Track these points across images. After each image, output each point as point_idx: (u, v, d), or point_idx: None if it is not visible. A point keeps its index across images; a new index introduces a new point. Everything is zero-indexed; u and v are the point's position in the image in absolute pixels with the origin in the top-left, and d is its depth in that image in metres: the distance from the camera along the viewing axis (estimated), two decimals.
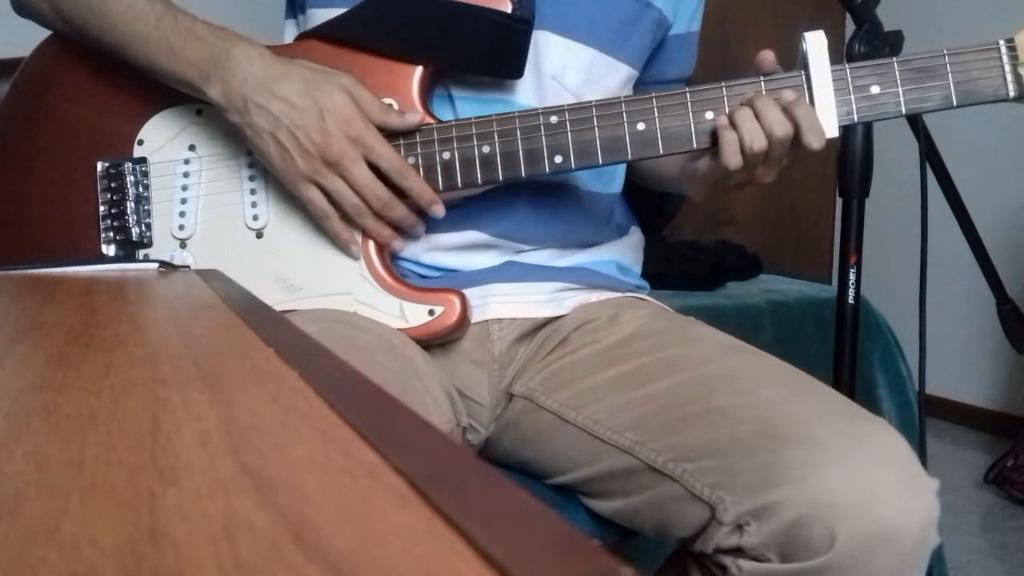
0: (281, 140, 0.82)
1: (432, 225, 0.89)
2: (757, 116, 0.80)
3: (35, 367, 0.37)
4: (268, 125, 0.82)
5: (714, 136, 0.82)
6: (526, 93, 0.89)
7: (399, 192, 0.84)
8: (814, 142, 0.80)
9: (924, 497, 0.70)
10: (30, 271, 0.76)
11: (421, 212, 0.88)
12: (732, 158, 0.80)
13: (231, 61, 0.81)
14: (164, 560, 0.18)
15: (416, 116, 0.84)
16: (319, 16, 0.90)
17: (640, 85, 0.99)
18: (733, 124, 0.80)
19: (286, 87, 0.81)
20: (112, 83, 0.91)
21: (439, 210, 0.85)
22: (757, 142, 0.79)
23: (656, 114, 0.84)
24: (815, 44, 0.82)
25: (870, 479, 0.68)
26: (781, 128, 0.79)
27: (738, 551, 0.72)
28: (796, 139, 0.80)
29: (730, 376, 0.79)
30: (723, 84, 0.83)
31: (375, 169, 0.83)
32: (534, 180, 0.89)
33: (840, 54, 0.87)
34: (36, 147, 0.93)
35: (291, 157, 0.82)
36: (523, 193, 0.91)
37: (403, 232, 0.87)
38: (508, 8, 0.84)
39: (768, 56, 0.83)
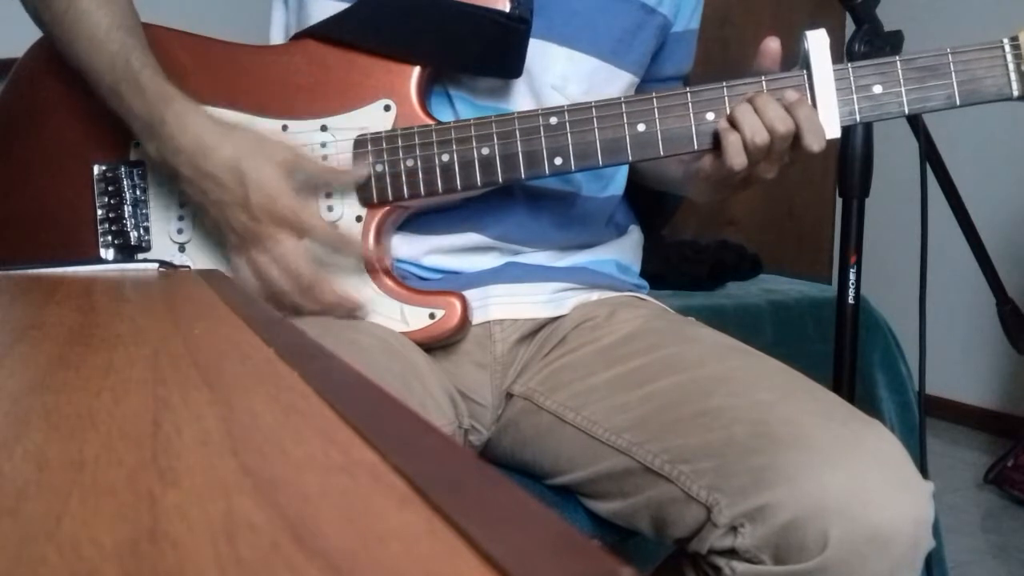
0: (211, 214, 0.83)
1: (432, 227, 0.89)
2: (757, 112, 0.80)
3: (35, 367, 0.37)
4: (197, 198, 0.83)
5: (716, 138, 0.82)
6: (525, 104, 0.89)
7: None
8: (814, 144, 0.80)
9: (918, 500, 0.70)
10: (30, 271, 0.76)
11: (423, 212, 0.88)
12: (736, 158, 0.80)
13: (165, 130, 0.81)
14: (164, 560, 0.18)
15: (364, 168, 0.84)
16: (317, 4, 0.90)
17: (639, 83, 0.99)
18: (734, 122, 0.80)
19: (214, 162, 0.80)
20: None
21: (360, 314, 0.84)
22: (759, 136, 0.79)
23: (656, 115, 0.83)
24: (817, 43, 0.82)
25: (863, 481, 0.68)
26: (782, 123, 0.79)
27: (732, 553, 0.72)
28: (796, 140, 0.80)
29: (726, 377, 0.79)
30: (724, 84, 0.83)
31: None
32: (532, 184, 0.89)
33: (840, 54, 0.87)
34: (34, 149, 0.93)
35: (220, 231, 0.83)
36: (521, 197, 0.91)
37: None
38: (507, 8, 0.84)
39: (772, 44, 0.83)
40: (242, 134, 0.82)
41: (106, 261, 0.89)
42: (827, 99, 0.82)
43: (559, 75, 0.90)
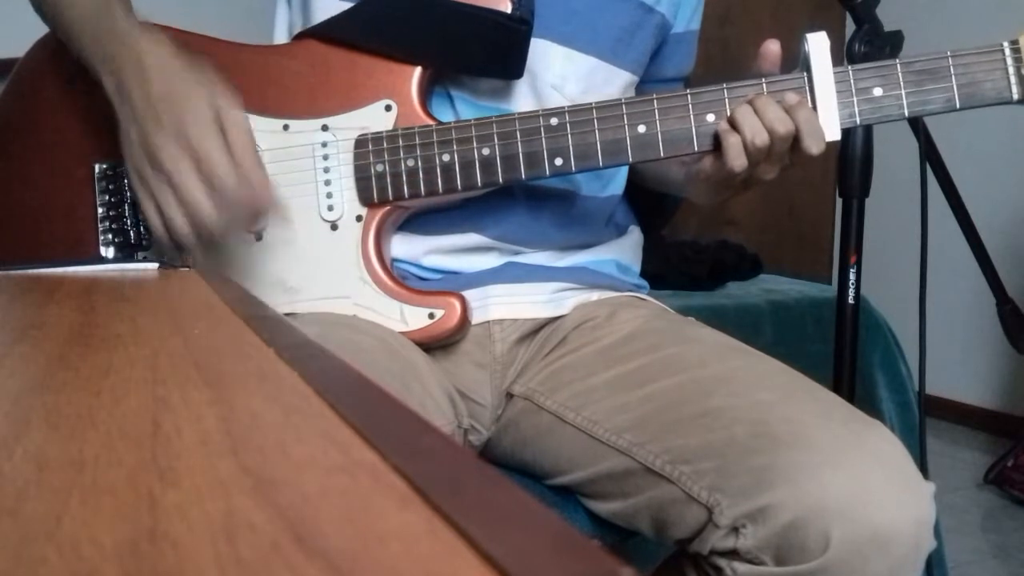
0: (131, 134, 0.77)
1: (432, 227, 0.89)
2: (757, 113, 0.80)
3: (35, 367, 0.37)
4: (125, 119, 0.78)
5: (716, 140, 0.82)
6: (525, 103, 0.89)
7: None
8: (813, 147, 0.80)
9: (919, 500, 0.70)
10: (30, 271, 0.76)
11: (424, 212, 0.88)
12: (737, 160, 0.80)
13: (131, 51, 0.78)
14: (164, 560, 0.18)
15: (268, 191, 0.76)
16: (320, 3, 0.89)
17: (639, 83, 0.99)
18: (734, 124, 0.80)
19: (157, 83, 0.76)
20: None
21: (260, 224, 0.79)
22: (759, 137, 0.79)
23: (657, 116, 0.83)
24: (817, 45, 0.82)
25: (864, 482, 0.68)
26: (782, 124, 0.79)
27: (733, 553, 0.72)
28: (796, 142, 0.80)
29: (727, 377, 0.79)
30: (724, 86, 0.83)
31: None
32: (532, 185, 0.89)
33: (840, 55, 0.87)
34: (34, 148, 0.93)
35: (130, 152, 0.78)
36: (521, 197, 0.91)
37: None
38: (508, 8, 0.84)
39: (772, 47, 0.83)
40: (199, 70, 0.77)
41: (106, 259, 0.89)
42: (827, 101, 0.82)
43: (558, 74, 0.90)
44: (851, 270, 1.02)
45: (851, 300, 1.02)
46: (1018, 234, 2.65)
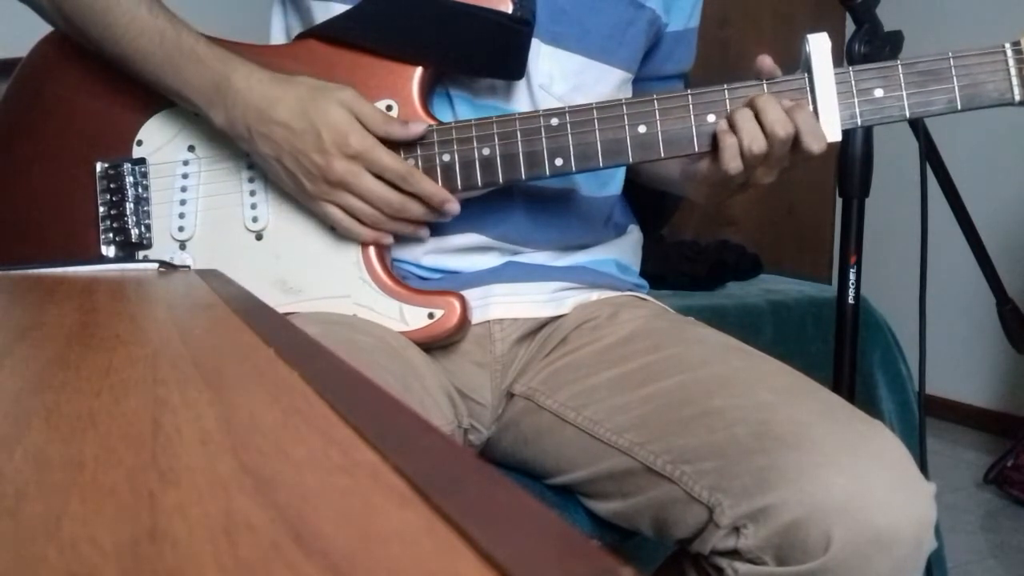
0: (287, 165, 0.82)
1: (431, 227, 0.89)
2: (758, 115, 0.79)
3: (35, 367, 0.37)
4: (271, 151, 0.82)
5: (715, 139, 0.82)
6: (522, 103, 0.89)
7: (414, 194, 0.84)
8: (813, 144, 0.80)
9: (920, 500, 0.70)
10: (30, 271, 0.76)
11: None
12: (731, 162, 0.80)
13: (231, 89, 0.82)
14: (164, 560, 0.18)
15: (420, 126, 0.84)
16: (318, 5, 0.90)
17: (638, 82, 0.99)
18: (732, 126, 0.80)
19: (283, 111, 0.81)
20: (111, 83, 0.91)
21: (453, 208, 0.84)
22: (756, 144, 0.79)
23: (657, 116, 0.83)
24: (818, 47, 0.82)
25: (866, 482, 0.68)
26: (782, 127, 0.79)
27: (734, 553, 0.72)
28: (796, 142, 0.80)
29: (728, 377, 0.79)
30: (725, 86, 0.83)
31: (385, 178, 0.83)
32: (531, 184, 0.89)
33: (840, 55, 0.87)
34: (35, 147, 0.93)
35: (299, 180, 0.83)
36: (521, 197, 0.91)
37: (428, 224, 0.87)
38: (508, 8, 0.84)
39: (766, 61, 0.83)
40: (302, 81, 0.83)
41: (107, 259, 0.89)
42: (828, 102, 0.82)
43: (544, 73, 0.90)
44: (851, 270, 1.02)
45: (851, 300, 1.02)
46: (1018, 234, 2.65)
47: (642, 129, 0.83)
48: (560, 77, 0.90)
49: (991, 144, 2.72)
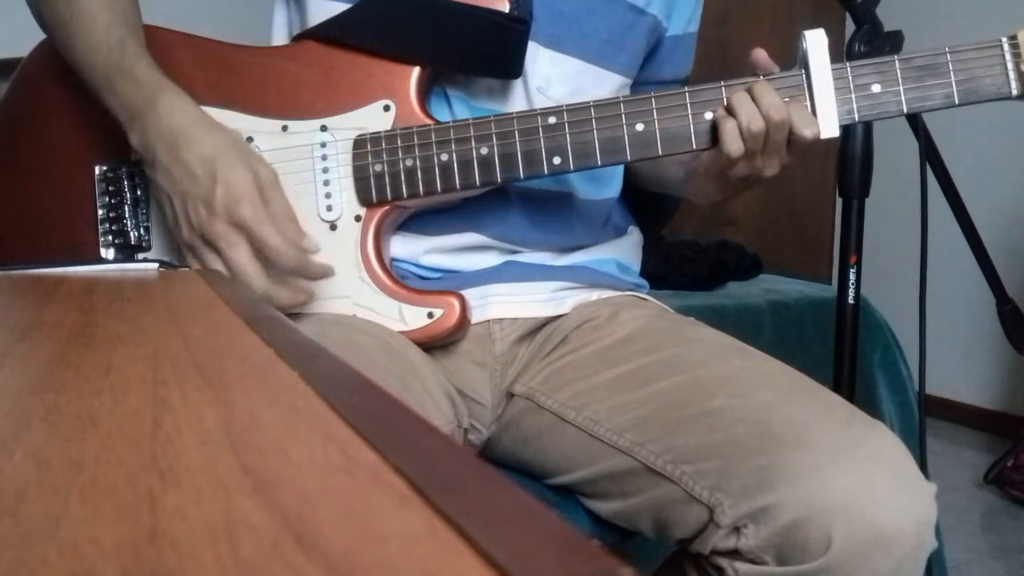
0: (175, 204, 0.80)
1: (431, 227, 0.89)
2: (755, 99, 0.80)
3: (35, 367, 0.37)
4: (166, 186, 0.80)
5: (714, 130, 0.82)
6: (518, 104, 0.89)
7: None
8: (805, 130, 0.79)
9: (921, 500, 0.70)
10: (30, 271, 0.76)
11: (422, 212, 0.88)
12: (732, 144, 0.80)
13: (153, 113, 0.80)
14: (164, 560, 0.18)
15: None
16: (317, 5, 0.90)
17: (636, 85, 0.99)
18: (731, 109, 0.80)
19: (192, 152, 0.78)
20: None
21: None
22: (755, 123, 0.79)
23: (655, 115, 0.83)
24: (815, 43, 0.82)
25: (866, 482, 0.68)
26: (778, 112, 0.79)
27: (735, 553, 0.72)
28: (790, 133, 0.80)
29: (728, 378, 0.79)
30: (722, 84, 0.83)
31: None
32: (530, 186, 0.89)
33: (840, 54, 0.87)
34: (35, 149, 0.93)
35: (179, 223, 0.80)
36: (519, 198, 0.91)
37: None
38: (506, 8, 0.84)
39: (760, 54, 0.83)
40: (228, 134, 0.81)
41: (106, 261, 0.89)
42: (825, 98, 0.82)
43: (542, 76, 0.90)
44: (851, 270, 1.02)
45: (851, 300, 1.02)
46: (1018, 234, 2.65)
47: (640, 127, 0.83)
48: (558, 80, 0.90)
49: (991, 144, 2.72)
